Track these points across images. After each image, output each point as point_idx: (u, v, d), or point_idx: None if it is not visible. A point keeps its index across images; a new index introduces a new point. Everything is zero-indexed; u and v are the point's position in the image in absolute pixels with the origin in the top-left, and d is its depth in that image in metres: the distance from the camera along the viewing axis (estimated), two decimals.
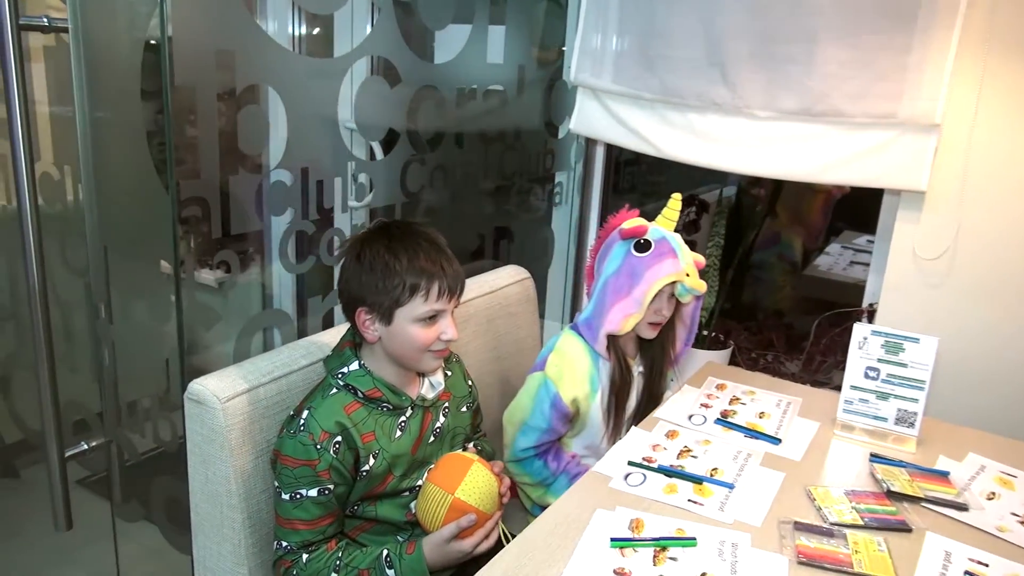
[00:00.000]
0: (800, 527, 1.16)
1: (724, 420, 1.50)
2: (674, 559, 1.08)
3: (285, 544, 1.23)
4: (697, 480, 1.28)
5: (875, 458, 1.39)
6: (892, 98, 1.70)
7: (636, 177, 2.76)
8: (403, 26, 1.70)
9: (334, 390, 1.26)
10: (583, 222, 2.49)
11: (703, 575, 1.05)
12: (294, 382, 1.35)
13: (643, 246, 1.47)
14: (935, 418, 1.53)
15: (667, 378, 1.66)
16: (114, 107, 1.38)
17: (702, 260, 1.52)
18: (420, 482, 1.31)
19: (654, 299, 1.46)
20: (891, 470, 1.34)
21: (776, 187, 2.49)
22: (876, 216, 1.95)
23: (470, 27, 1.90)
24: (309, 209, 1.55)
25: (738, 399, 1.61)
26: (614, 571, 1.05)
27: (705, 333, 2.18)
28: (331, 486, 1.22)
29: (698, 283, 1.48)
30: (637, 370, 1.59)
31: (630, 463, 1.33)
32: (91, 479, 2.00)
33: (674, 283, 1.46)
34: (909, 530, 1.17)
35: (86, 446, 1.52)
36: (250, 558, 1.30)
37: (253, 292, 2.34)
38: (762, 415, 1.54)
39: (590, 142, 2.40)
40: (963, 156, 1.71)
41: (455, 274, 1.27)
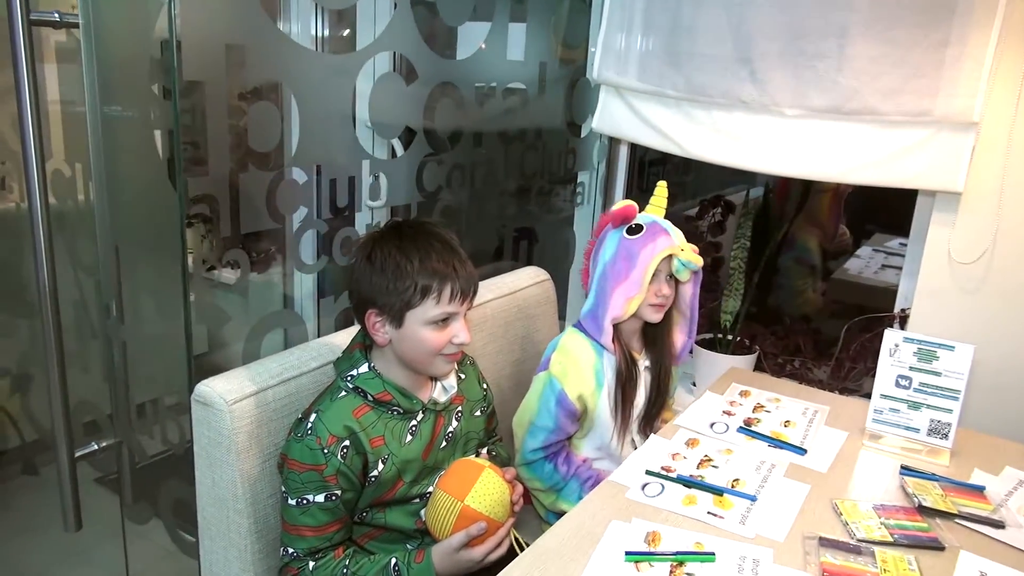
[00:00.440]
0: (825, 543, 1.12)
1: (747, 428, 1.46)
2: (691, 575, 1.04)
3: (291, 551, 1.21)
4: (718, 491, 1.24)
5: (906, 471, 1.34)
6: (927, 95, 1.64)
7: (661, 177, 2.71)
8: (426, 22, 1.68)
9: (343, 393, 1.24)
10: None
11: None
12: (303, 384, 1.32)
13: (635, 229, 1.49)
14: (970, 429, 1.48)
15: (676, 376, 1.65)
16: (126, 104, 1.37)
17: (695, 247, 1.52)
18: (431, 489, 1.28)
19: (653, 280, 1.46)
20: (923, 484, 1.29)
21: (805, 188, 2.44)
22: (909, 218, 1.90)
23: (490, 24, 1.87)
24: (322, 208, 1.54)
25: (762, 406, 1.56)
26: None
27: (730, 338, 2.15)
28: (338, 491, 1.19)
29: (694, 257, 1.48)
30: (643, 364, 1.57)
31: (648, 472, 1.29)
32: (106, 478, 2.00)
33: (671, 259, 1.47)
34: (942, 548, 1.12)
35: (96, 447, 1.52)
36: (256, 564, 1.28)
37: (274, 292, 2.33)
38: (787, 424, 1.49)
39: (613, 141, 2.37)
40: (1002, 156, 1.65)
41: (468, 276, 1.24)
